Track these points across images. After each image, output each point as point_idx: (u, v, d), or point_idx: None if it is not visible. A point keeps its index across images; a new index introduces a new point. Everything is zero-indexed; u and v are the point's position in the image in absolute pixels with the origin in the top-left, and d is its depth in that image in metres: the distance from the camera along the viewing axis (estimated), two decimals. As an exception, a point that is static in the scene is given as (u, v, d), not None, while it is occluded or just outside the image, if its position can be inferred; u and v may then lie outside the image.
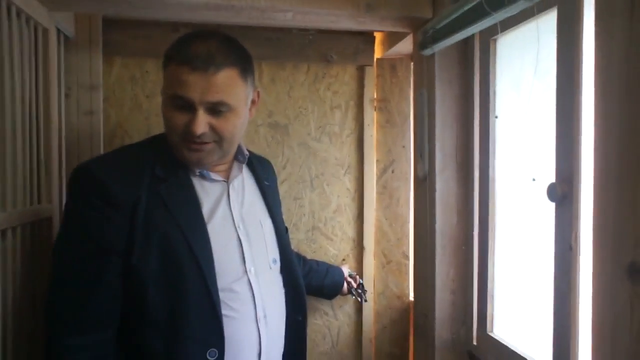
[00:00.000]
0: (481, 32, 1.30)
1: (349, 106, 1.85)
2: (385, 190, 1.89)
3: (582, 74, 1.03)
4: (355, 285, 1.77)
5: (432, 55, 1.43)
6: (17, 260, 1.17)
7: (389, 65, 1.87)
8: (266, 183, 1.35)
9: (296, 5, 1.34)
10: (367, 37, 1.84)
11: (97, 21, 1.55)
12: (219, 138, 1.13)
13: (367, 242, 1.88)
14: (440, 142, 1.43)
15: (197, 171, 1.18)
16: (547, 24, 1.11)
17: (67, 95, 1.53)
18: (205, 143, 1.12)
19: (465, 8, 1.16)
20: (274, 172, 1.50)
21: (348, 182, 1.87)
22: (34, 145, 1.28)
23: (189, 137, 1.10)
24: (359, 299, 1.79)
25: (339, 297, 1.79)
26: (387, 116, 1.88)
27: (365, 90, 1.85)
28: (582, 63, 1.02)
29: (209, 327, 1.09)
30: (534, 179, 1.18)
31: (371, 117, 1.86)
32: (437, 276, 1.45)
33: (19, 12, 1.17)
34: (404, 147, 1.88)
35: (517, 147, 1.28)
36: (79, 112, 1.56)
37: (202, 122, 1.08)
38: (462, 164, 1.45)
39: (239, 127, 1.16)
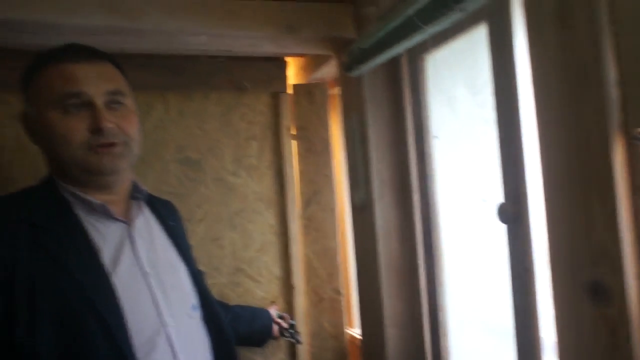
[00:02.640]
0: (409, 50, 1.25)
1: (266, 136, 1.74)
2: (310, 223, 1.78)
3: (518, 87, 1.00)
4: (286, 326, 1.62)
5: (360, 77, 1.36)
6: None
7: (305, 92, 1.78)
8: (172, 223, 1.20)
9: (210, 27, 1.20)
10: (280, 63, 1.74)
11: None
12: (126, 137, 1.02)
13: (296, 280, 1.75)
14: (377, 168, 1.35)
15: (96, 205, 1.01)
16: (477, 38, 1.08)
17: None
18: (115, 144, 1.00)
19: (394, 24, 1.10)
20: (177, 211, 1.32)
21: (271, 218, 1.74)
22: None
23: (97, 140, 0.98)
24: (293, 340, 1.64)
25: (270, 342, 1.63)
26: (307, 144, 1.78)
27: (282, 118, 1.74)
28: (517, 76, 1.00)
29: None
30: (484, 200, 1.13)
31: (290, 147, 1.76)
32: (384, 310, 1.35)
33: None
34: (327, 175, 1.79)
35: (460, 168, 1.23)
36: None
37: (107, 116, 0.99)
38: (401, 189, 1.38)
39: (138, 129, 1.08)
